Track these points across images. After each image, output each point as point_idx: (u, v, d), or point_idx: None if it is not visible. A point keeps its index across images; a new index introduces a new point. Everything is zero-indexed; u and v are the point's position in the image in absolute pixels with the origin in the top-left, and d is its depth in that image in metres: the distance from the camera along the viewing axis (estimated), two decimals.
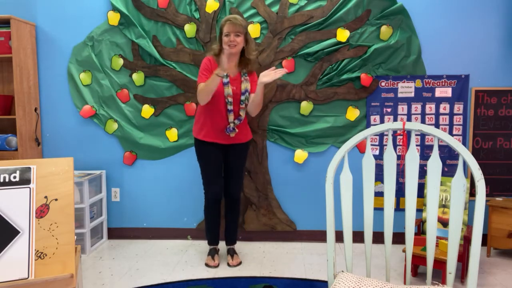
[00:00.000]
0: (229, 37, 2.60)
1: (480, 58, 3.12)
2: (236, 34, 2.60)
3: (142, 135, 3.33)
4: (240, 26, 2.60)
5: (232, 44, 2.61)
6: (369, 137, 1.53)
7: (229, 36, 2.60)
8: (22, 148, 3.12)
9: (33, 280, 1.18)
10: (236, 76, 2.73)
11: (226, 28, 2.61)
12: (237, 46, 2.63)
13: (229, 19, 2.61)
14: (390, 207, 1.47)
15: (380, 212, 1.79)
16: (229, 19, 2.61)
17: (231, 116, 2.69)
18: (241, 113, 2.73)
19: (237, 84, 2.70)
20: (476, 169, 1.32)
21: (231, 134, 2.71)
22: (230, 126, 2.70)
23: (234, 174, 2.84)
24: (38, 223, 1.23)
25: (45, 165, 1.28)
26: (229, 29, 2.59)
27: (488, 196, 3.15)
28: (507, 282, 2.57)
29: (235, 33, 2.60)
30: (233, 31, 2.59)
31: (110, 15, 3.22)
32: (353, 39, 3.14)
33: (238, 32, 2.60)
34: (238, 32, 2.60)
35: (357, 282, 1.36)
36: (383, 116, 3.21)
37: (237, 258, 2.90)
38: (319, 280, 2.62)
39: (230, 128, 2.70)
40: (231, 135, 2.72)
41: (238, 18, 2.62)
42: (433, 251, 1.43)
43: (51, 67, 3.33)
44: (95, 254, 3.10)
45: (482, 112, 3.14)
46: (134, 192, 3.40)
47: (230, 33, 2.60)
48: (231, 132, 2.71)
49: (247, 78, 2.73)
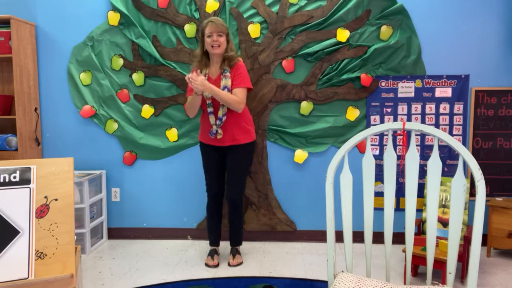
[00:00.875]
0: (212, 37, 2.62)
1: (480, 58, 3.12)
2: (218, 34, 2.62)
3: (142, 135, 3.33)
4: (222, 26, 2.63)
5: (215, 44, 2.62)
6: (369, 137, 1.53)
7: (212, 36, 2.62)
8: (22, 148, 3.12)
9: (33, 280, 1.18)
10: (217, 76, 2.71)
11: (208, 29, 2.62)
12: (220, 46, 2.64)
13: (210, 20, 2.64)
14: (390, 207, 1.47)
15: (380, 212, 1.79)
16: (211, 20, 2.64)
17: (212, 118, 2.67)
18: (220, 113, 2.66)
19: (217, 85, 2.66)
20: (476, 169, 1.32)
21: (217, 137, 2.68)
22: (213, 128, 2.67)
23: (232, 177, 2.82)
24: (38, 223, 1.23)
25: (45, 165, 1.28)
26: (211, 30, 2.61)
27: (488, 196, 3.15)
28: (507, 282, 2.57)
29: (218, 33, 2.62)
30: (215, 31, 2.61)
31: (110, 15, 3.22)
32: (353, 39, 3.14)
33: (221, 32, 2.62)
34: (221, 32, 2.62)
35: (357, 282, 1.36)
36: (383, 116, 3.21)
37: (238, 258, 2.89)
38: (319, 280, 2.62)
39: (213, 131, 2.67)
40: (217, 137, 2.68)
41: (219, 19, 2.66)
42: (433, 251, 1.43)
43: (51, 67, 3.33)
44: (95, 254, 3.10)
45: (482, 112, 3.14)
46: (134, 192, 3.40)
47: (213, 34, 2.61)
48: (215, 135, 2.68)
49: (227, 74, 2.67)
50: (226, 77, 2.66)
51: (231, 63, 2.69)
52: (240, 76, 2.68)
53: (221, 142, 2.73)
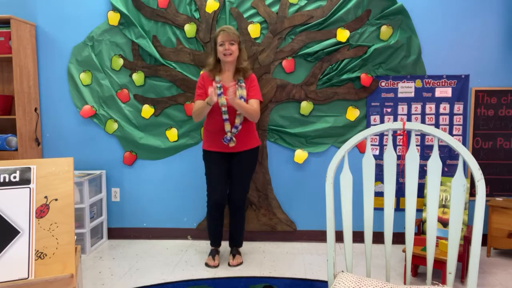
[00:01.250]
0: (224, 46, 2.65)
1: (480, 58, 3.12)
2: (230, 43, 2.66)
3: (142, 135, 3.33)
4: (234, 35, 2.67)
5: (227, 52, 2.66)
6: (369, 137, 1.53)
7: (224, 45, 2.65)
8: (22, 148, 3.12)
9: (33, 280, 1.18)
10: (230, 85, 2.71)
11: (220, 38, 2.66)
12: (232, 54, 2.68)
13: (222, 29, 2.68)
14: (390, 207, 1.47)
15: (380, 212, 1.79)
16: (223, 29, 2.68)
17: (227, 126, 2.68)
18: (237, 122, 2.68)
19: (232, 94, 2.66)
20: (476, 169, 1.32)
21: (230, 144, 2.68)
22: (227, 136, 2.67)
23: (237, 181, 2.82)
24: (38, 223, 1.23)
25: (45, 165, 1.28)
26: (223, 38, 2.65)
27: (488, 196, 3.15)
28: (507, 282, 2.57)
29: (230, 42, 2.66)
30: (227, 40, 2.65)
31: (110, 15, 3.22)
32: (353, 39, 3.14)
33: (232, 40, 2.66)
34: (232, 41, 2.67)
35: (357, 282, 1.36)
36: (383, 116, 3.21)
37: (238, 258, 2.89)
38: (319, 280, 2.62)
39: (227, 138, 2.67)
40: (230, 145, 2.69)
41: (231, 28, 2.70)
42: (433, 251, 1.43)
43: (51, 67, 3.33)
44: (95, 254, 3.10)
45: (482, 112, 3.14)
46: (134, 192, 3.40)
47: (225, 42, 2.65)
48: (229, 142, 2.68)
49: (242, 85, 2.71)
50: (242, 88, 2.71)
51: (246, 75, 2.76)
52: (255, 89, 2.76)
53: (231, 149, 2.73)
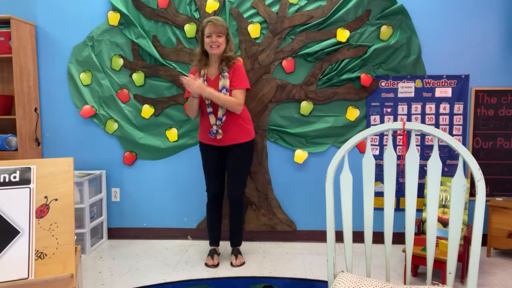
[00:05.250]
0: (211, 38, 2.62)
1: (480, 58, 3.12)
2: (218, 35, 2.62)
3: (142, 135, 3.33)
4: (221, 27, 2.63)
5: (214, 45, 2.63)
6: (369, 137, 1.53)
7: (211, 37, 2.62)
8: (22, 148, 3.12)
9: (33, 280, 1.18)
10: (216, 77, 2.71)
11: (207, 29, 2.62)
12: (219, 47, 2.64)
13: (210, 20, 2.63)
14: (390, 207, 1.47)
15: (380, 212, 1.79)
16: (211, 20, 2.63)
17: (212, 118, 2.67)
18: (220, 113, 2.66)
19: (216, 85, 2.67)
20: (476, 169, 1.32)
21: (218, 137, 2.68)
22: (213, 129, 2.67)
23: (233, 176, 2.82)
24: (38, 223, 1.23)
25: (45, 165, 1.28)
26: (210, 30, 2.61)
27: (488, 196, 3.15)
28: (507, 282, 2.57)
29: (217, 34, 2.62)
30: (214, 32, 2.61)
31: (110, 15, 3.22)
32: (353, 39, 3.14)
33: (220, 32, 2.62)
34: (220, 33, 2.62)
35: (357, 282, 1.36)
36: (383, 116, 3.21)
37: (240, 258, 2.89)
38: (319, 280, 2.62)
39: (213, 131, 2.67)
40: (217, 137, 2.68)
41: (219, 19, 2.65)
42: (433, 251, 1.43)
43: (51, 67, 3.33)
44: (95, 254, 3.10)
45: (482, 112, 3.14)
46: (134, 192, 3.40)
47: (212, 34, 2.62)
48: (215, 135, 2.67)
49: (225, 75, 2.67)
50: (224, 78, 2.67)
51: (229, 64, 2.69)
52: (239, 77, 2.69)
53: (220, 142, 2.73)
